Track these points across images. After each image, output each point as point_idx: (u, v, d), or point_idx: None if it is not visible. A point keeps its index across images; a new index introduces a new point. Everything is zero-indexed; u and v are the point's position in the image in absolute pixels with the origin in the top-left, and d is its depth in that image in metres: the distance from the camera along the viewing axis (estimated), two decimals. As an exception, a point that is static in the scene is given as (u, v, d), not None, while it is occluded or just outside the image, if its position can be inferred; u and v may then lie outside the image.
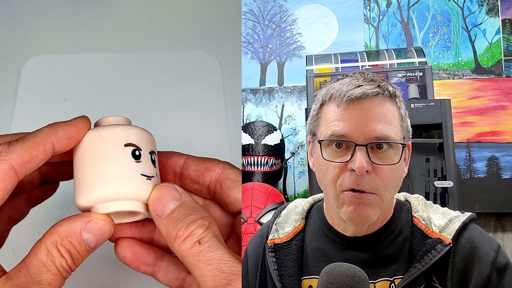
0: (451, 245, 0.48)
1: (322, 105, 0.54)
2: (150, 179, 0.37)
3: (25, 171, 0.36)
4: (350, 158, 0.48)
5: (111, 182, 0.36)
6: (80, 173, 0.38)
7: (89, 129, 0.39)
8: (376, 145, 0.49)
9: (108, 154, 0.37)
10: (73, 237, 0.35)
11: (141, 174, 0.37)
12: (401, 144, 0.50)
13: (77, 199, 0.37)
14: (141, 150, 0.37)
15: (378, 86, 0.51)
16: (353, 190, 0.49)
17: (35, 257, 0.35)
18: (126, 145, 0.37)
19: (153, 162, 0.38)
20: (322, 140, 0.51)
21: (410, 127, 0.54)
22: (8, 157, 0.35)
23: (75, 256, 0.36)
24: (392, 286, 0.50)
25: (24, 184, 0.43)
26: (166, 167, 0.42)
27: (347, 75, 0.54)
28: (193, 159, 0.42)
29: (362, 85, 0.50)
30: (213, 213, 0.43)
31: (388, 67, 1.14)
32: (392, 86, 0.53)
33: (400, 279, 0.49)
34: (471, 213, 0.53)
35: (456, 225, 0.50)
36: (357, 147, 0.48)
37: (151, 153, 0.38)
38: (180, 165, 0.42)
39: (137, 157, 0.37)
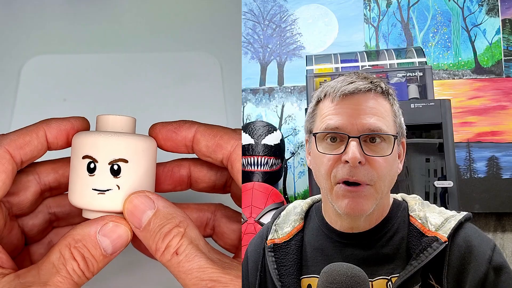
0: (446, 243, 0.49)
1: (318, 102, 0.56)
2: (104, 193, 0.36)
3: (20, 156, 0.37)
4: (344, 150, 0.50)
5: (72, 193, 0.37)
6: None
7: (85, 129, 0.40)
8: (369, 139, 0.51)
9: (72, 165, 0.38)
10: (87, 240, 0.35)
11: (93, 189, 0.36)
12: (393, 135, 0.51)
13: None
14: (96, 162, 0.36)
15: (371, 82, 0.53)
16: (347, 183, 0.50)
17: (47, 259, 0.35)
18: (83, 157, 0.37)
19: (116, 172, 0.36)
20: (317, 133, 0.53)
21: (403, 125, 0.56)
22: (1, 143, 0.37)
23: (90, 260, 0.35)
24: (389, 284, 0.50)
25: None
26: (177, 141, 0.41)
27: (342, 75, 0.56)
28: (203, 132, 0.40)
29: (355, 82, 0.53)
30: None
31: (388, 67, 1.14)
32: (385, 84, 0.55)
33: (397, 277, 0.50)
34: (467, 212, 0.53)
35: (452, 224, 0.50)
36: (350, 139, 0.50)
37: (114, 162, 0.36)
38: (190, 139, 0.41)
39: (91, 170, 0.36)
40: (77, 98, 0.68)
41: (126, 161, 0.37)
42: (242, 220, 1.00)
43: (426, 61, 1.12)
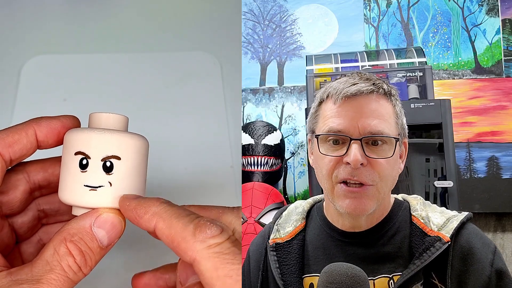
0: (449, 243, 0.49)
1: (320, 103, 0.56)
2: (96, 189, 0.36)
3: (9, 154, 0.37)
4: (346, 152, 0.50)
5: (63, 190, 0.37)
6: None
7: (76, 127, 0.40)
8: (371, 142, 0.51)
9: (64, 161, 0.37)
10: (83, 233, 0.34)
11: (85, 185, 0.36)
12: (394, 138, 0.52)
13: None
14: (89, 158, 0.36)
15: (373, 84, 0.53)
16: (347, 183, 0.50)
17: (40, 256, 0.34)
18: (76, 154, 0.36)
19: (108, 169, 0.36)
20: (319, 135, 0.53)
21: (405, 125, 0.56)
22: None
23: (87, 253, 0.34)
24: (391, 282, 0.50)
25: None
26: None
27: (345, 75, 0.56)
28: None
29: (358, 83, 0.52)
30: None
31: (388, 67, 1.14)
32: (388, 85, 0.55)
33: (398, 276, 0.50)
34: (468, 212, 0.53)
35: (454, 224, 0.51)
36: (352, 141, 0.50)
37: (107, 158, 0.36)
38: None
39: (83, 167, 0.36)
40: (77, 98, 0.68)
41: (118, 158, 0.37)
42: (242, 220, 1.00)
43: (426, 61, 1.12)
